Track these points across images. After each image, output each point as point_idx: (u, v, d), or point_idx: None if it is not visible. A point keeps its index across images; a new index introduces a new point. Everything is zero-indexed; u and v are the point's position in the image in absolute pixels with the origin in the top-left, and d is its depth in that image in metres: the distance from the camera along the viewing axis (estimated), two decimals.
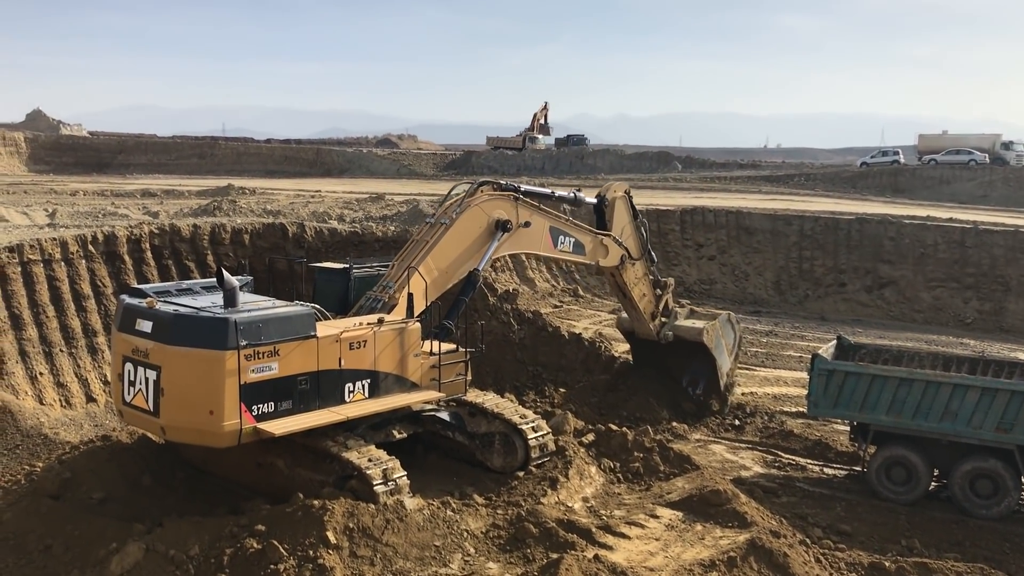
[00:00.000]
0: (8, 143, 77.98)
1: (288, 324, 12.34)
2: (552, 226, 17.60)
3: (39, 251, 19.02)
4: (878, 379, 16.66)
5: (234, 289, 12.28)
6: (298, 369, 12.42)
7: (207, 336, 11.73)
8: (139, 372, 12.22)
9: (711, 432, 20.15)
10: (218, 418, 11.68)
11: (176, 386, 11.85)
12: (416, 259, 15.03)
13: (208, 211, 32.35)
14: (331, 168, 77.82)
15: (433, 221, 15.89)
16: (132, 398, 12.43)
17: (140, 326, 12.25)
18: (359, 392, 13.33)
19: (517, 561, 12.15)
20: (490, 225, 16.14)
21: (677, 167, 75.78)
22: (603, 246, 18.98)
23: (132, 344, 12.34)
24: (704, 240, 39.94)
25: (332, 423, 12.76)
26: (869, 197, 54.52)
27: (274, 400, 12.19)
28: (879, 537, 15.04)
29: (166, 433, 12.40)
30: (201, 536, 11.52)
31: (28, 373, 17.92)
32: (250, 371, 11.85)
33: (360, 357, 13.26)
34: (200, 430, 11.94)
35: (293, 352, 12.32)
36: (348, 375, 13.11)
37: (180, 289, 13.57)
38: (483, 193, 16.27)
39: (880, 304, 35.64)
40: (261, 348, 11.93)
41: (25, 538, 12.41)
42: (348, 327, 13.29)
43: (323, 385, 12.77)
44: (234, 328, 11.68)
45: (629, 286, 19.83)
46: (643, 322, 20.53)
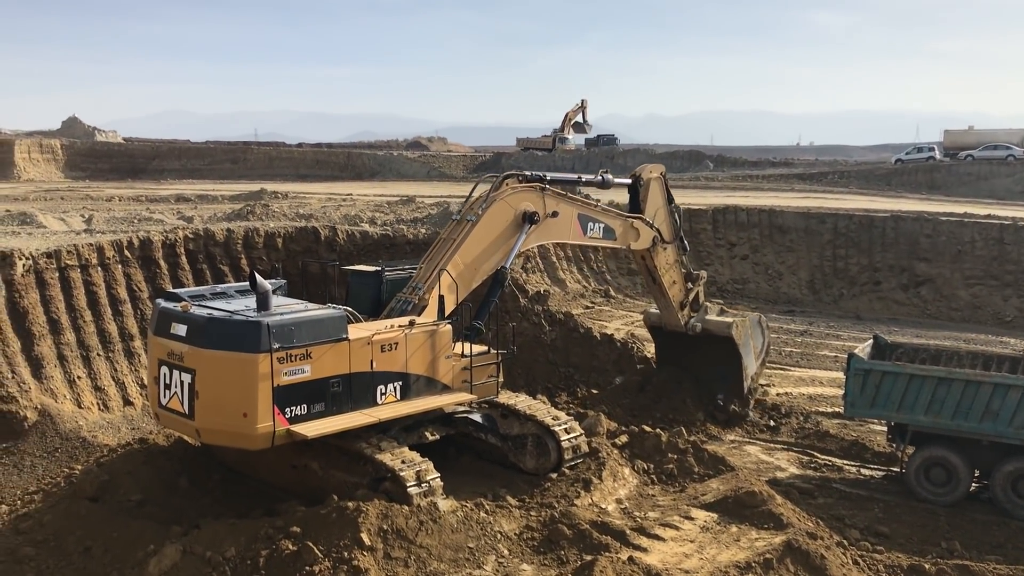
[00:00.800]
0: (45, 150, 79.18)
1: (320, 327, 12.40)
2: (580, 213, 17.42)
3: (76, 256, 19.26)
4: (916, 379, 16.42)
5: (267, 292, 12.38)
6: (330, 371, 12.48)
7: (240, 339, 11.82)
8: (174, 375, 12.32)
9: (746, 433, 19.98)
10: (252, 420, 11.76)
11: (210, 389, 11.94)
12: (444, 259, 15.01)
13: (241, 215, 32.64)
14: (362, 171, 78.22)
15: (459, 218, 15.82)
16: (168, 401, 12.53)
17: (175, 330, 12.36)
18: (391, 394, 13.37)
19: (551, 563, 12.11)
20: (516, 218, 16.02)
21: (708, 166, 75.36)
22: (634, 229, 18.72)
23: (168, 348, 12.45)
24: (737, 239, 39.67)
25: (364, 425, 12.80)
26: (904, 194, 53.87)
27: (307, 402, 12.26)
28: (918, 539, 14.82)
29: (201, 436, 12.50)
30: (237, 538, 11.61)
31: (66, 377, 18.16)
32: (283, 374, 11.93)
33: (392, 359, 13.30)
34: (234, 432, 12.03)
35: (325, 355, 12.38)
36: (380, 377, 13.16)
37: (215, 293, 13.69)
38: (508, 186, 16.12)
39: (916, 303, 35.16)
40: (293, 351, 12.00)
41: (65, 540, 12.60)
42: (379, 329, 13.33)
43: (355, 387, 12.82)
44: (267, 331, 11.76)
45: (660, 271, 19.53)
46: (672, 311, 20.12)
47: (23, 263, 18.08)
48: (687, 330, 20.24)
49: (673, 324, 20.42)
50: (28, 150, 77.36)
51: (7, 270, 17.75)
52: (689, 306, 20.41)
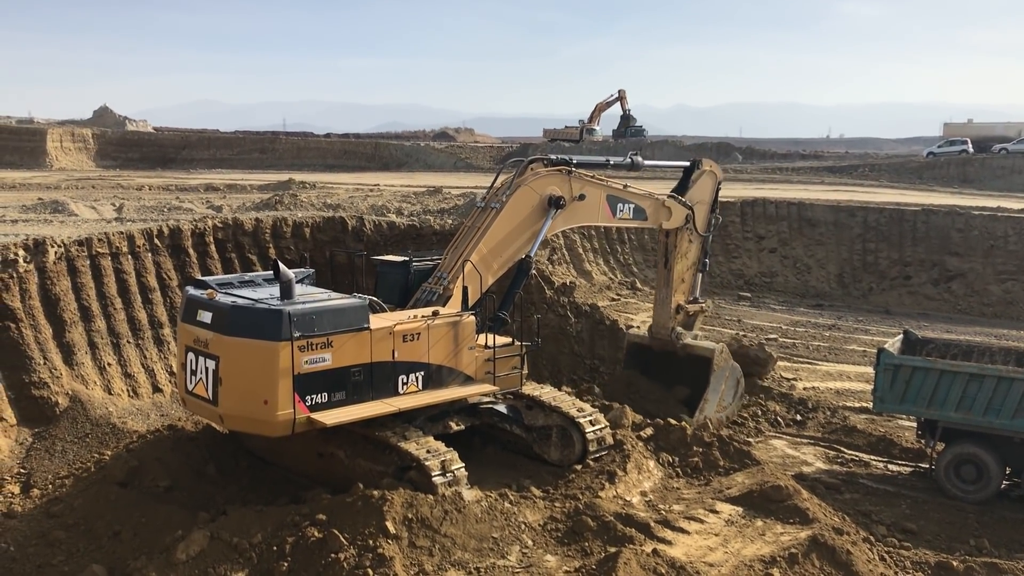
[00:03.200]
0: (77, 139, 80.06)
1: (341, 316, 12.46)
2: (609, 194, 17.27)
3: (107, 244, 19.45)
4: (947, 374, 16.22)
5: (290, 281, 12.44)
6: (352, 360, 12.55)
7: (262, 327, 11.91)
8: (200, 361, 12.48)
9: (772, 427, 19.86)
10: (272, 407, 11.85)
11: (233, 375, 12.07)
12: (468, 248, 15.00)
13: (270, 205, 32.83)
14: (389, 162, 78.43)
15: (483, 206, 15.75)
16: (194, 387, 12.70)
17: (201, 317, 12.51)
18: (412, 384, 13.42)
19: (575, 554, 12.12)
20: (542, 203, 15.93)
21: (738, 158, 74.83)
22: (665, 208, 18.57)
23: (194, 334, 12.60)
24: (765, 232, 39.40)
25: (384, 414, 12.87)
26: (936, 188, 53.21)
27: (327, 391, 12.33)
28: (946, 536, 14.66)
29: (224, 421, 12.68)
30: (264, 524, 11.72)
31: (97, 364, 18.37)
32: (304, 362, 11.99)
33: (414, 349, 13.34)
34: (255, 419, 12.16)
35: (347, 344, 12.45)
36: (402, 367, 13.21)
37: (242, 281, 13.80)
38: (532, 171, 16.03)
39: (947, 297, 34.72)
40: (315, 339, 12.07)
41: (95, 524, 12.78)
42: (401, 319, 13.38)
43: (376, 377, 12.88)
44: (288, 319, 11.82)
45: (677, 257, 19.35)
46: (667, 307, 19.72)
47: (55, 251, 18.29)
48: (672, 337, 19.72)
49: (662, 325, 19.91)
50: (60, 139, 78.26)
51: (40, 258, 17.97)
52: (683, 318, 20.05)
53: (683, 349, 19.73)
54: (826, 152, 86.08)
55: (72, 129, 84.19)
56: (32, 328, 17.43)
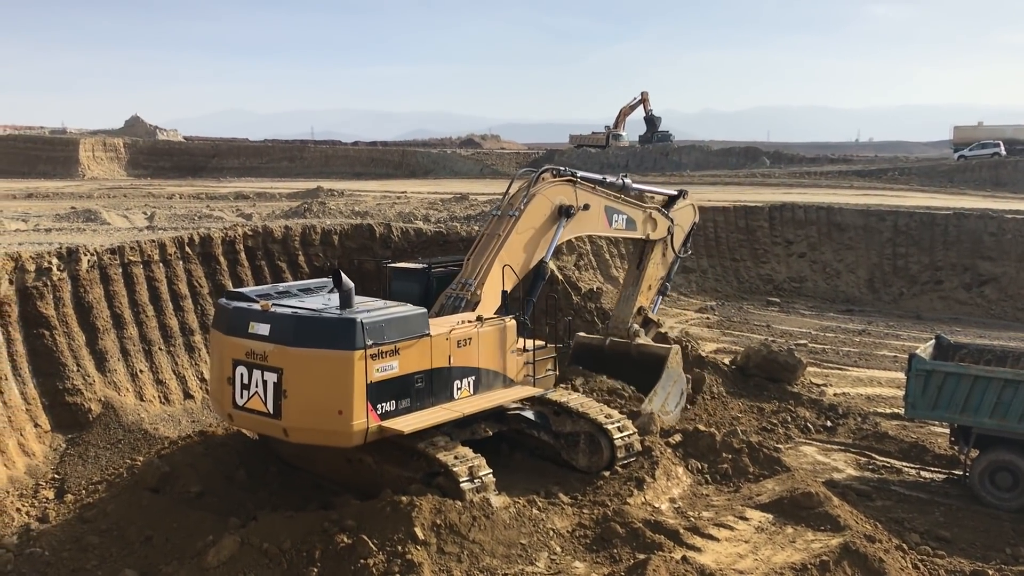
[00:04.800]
0: (109, 149, 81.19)
1: (406, 324, 12.54)
2: (607, 205, 17.81)
3: (139, 253, 19.67)
4: (981, 380, 15.99)
5: (351, 290, 12.46)
6: (415, 367, 12.63)
7: (335, 337, 11.83)
8: (254, 375, 12.19)
9: (802, 433, 19.70)
10: (347, 418, 11.77)
11: (301, 387, 11.87)
12: (492, 254, 15.12)
13: (298, 213, 33.09)
14: (416, 169, 78.80)
15: (500, 214, 15.93)
16: (246, 401, 12.38)
17: (255, 329, 12.24)
18: (466, 389, 13.56)
19: (603, 561, 12.09)
20: (554, 212, 16.22)
21: (765, 162, 74.40)
22: (652, 219, 19.37)
23: (246, 347, 12.29)
24: (794, 237, 39.12)
25: (450, 420, 13.00)
26: (967, 191, 52.56)
27: (395, 398, 12.36)
28: (981, 544, 14.43)
29: (289, 435, 12.33)
30: (293, 530, 11.77)
31: (129, 371, 18.56)
32: (375, 370, 12.00)
33: (467, 355, 13.50)
34: (328, 430, 12.00)
35: (411, 351, 12.52)
36: (456, 372, 13.37)
37: (280, 292, 13.68)
38: (545, 180, 16.32)
39: (980, 302, 34.29)
40: (384, 347, 12.09)
41: (127, 529, 12.90)
42: (455, 325, 13.51)
43: (435, 382, 13.00)
44: (361, 328, 11.83)
45: (651, 263, 20.07)
46: (631, 305, 20.07)
47: (88, 259, 18.53)
48: (629, 335, 19.85)
49: (622, 321, 20.18)
50: (92, 149, 79.42)
51: (73, 266, 18.21)
52: (643, 320, 20.41)
53: (637, 348, 19.82)
54: (855, 156, 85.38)
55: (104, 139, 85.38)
56: (65, 335, 17.67)
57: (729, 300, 36.07)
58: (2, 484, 15.07)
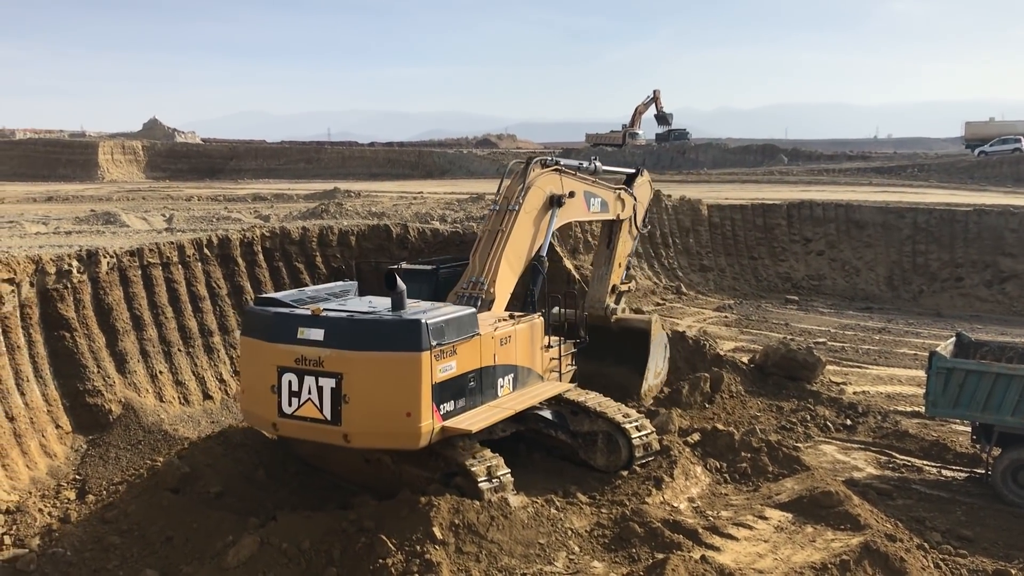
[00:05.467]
0: (127, 152, 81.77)
1: (461, 324, 12.62)
2: (586, 191, 17.95)
3: (158, 254, 19.78)
4: (1003, 378, 15.86)
5: (403, 292, 12.50)
6: (469, 366, 12.73)
7: (402, 339, 11.81)
8: (307, 381, 12.00)
9: (821, 432, 19.59)
10: (415, 419, 11.76)
11: (365, 391, 11.77)
12: (498, 250, 15.11)
13: (316, 214, 33.14)
14: (432, 170, 78.90)
15: (498, 208, 15.82)
16: (296, 409, 12.15)
17: (306, 334, 12.05)
18: (507, 386, 13.71)
19: (622, 560, 12.06)
20: (546, 202, 16.27)
21: (783, 160, 73.98)
22: (620, 200, 19.68)
23: (295, 353, 12.07)
24: (812, 234, 38.91)
25: (507, 417, 13.22)
26: (988, 187, 52.07)
27: (453, 398, 12.43)
28: (1004, 544, 14.31)
29: (350, 440, 12.13)
30: (312, 530, 11.82)
31: (149, 372, 18.67)
32: (439, 371, 12.05)
33: (508, 352, 13.67)
34: (395, 433, 11.95)
35: (465, 350, 12.61)
36: (500, 370, 13.51)
37: (310, 296, 13.53)
38: (535, 171, 16.28)
39: (1001, 299, 33.99)
40: (445, 347, 12.15)
41: (148, 529, 12.98)
42: (496, 324, 13.65)
43: (484, 381, 13.13)
44: (426, 329, 11.87)
45: (620, 241, 20.35)
46: (605, 286, 20.39)
47: (107, 261, 18.66)
48: (606, 313, 20.20)
49: (598, 300, 20.43)
50: (111, 151, 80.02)
51: (93, 268, 18.33)
52: (616, 297, 20.78)
53: (617, 324, 20.28)
54: (874, 153, 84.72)
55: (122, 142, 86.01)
56: (86, 337, 17.80)
57: (747, 298, 35.92)
58: (24, 485, 15.20)
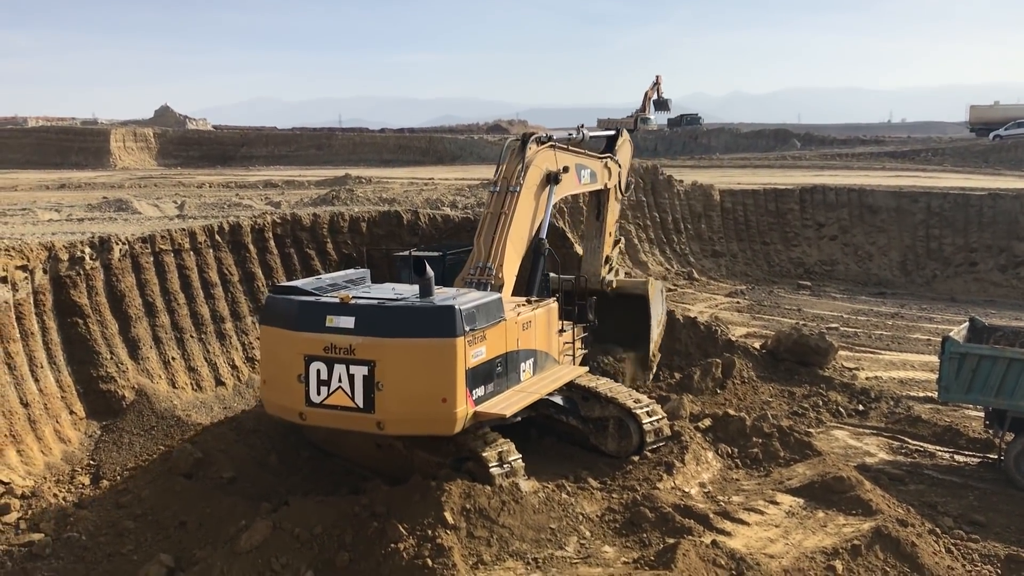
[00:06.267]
0: (139, 139, 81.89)
1: (489, 309, 12.63)
2: (577, 163, 17.63)
3: (170, 241, 19.84)
4: (1017, 362, 15.78)
5: (431, 279, 12.49)
6: (496, 351, 12.75)
7: (438, 325, 11.80)
8: (337, 370, 11.93)
9: (833, 417, 19.55)
10: (451, 405, 11.76)
11: (400, 378, 11.75)
12: (503, 234, 14.75)
13: (327, 200, 33.15)
14: (443, 156, 78.70)
15: (499, 190, 15.38)
16: (326, 398, 12.07)
17: (335, 322, 11.98)
18: (528, 371, 13.71)
19: (633, 545, 12.09)
20: (543, 180, 15.97)
21: (796, 145, 73.57)
22: (607, 168, 19.38)
23: (324, 342, 11.98)
24: (825, 219, 38.71)
25: (538, 399, 13.39)
26: (1003, 171, 51.64)
27: (483, 384, 12.45)
28: (1016, 529, 14.27)
29: (384, 427, 12.06)
30: (324, 515, 11.88)
31: (161, 358, 18.77)
32: (471, 356, 12.05)
33: (529, 337, 13.68)
34: (431, 419, 11.93)
35: (494, 335, 12.63)
36: (523, 355, 13.53)
37: (331, 284, 13.40)
38: (532, 150, 15.83)
39: (1015, 284, 33.76)
40: (476, 333, 12.16)
41: (161, 514, 13.09)
42: (519, 308, 13.69)
43: (509, 365, 13.14)
44: (460, 315, 11.87)
45: (609, 213, 20.13)
46: (599, 259, 20.22)
47: (120, 248, 18.72)
48: (602, 284, 20.09)
49: (593, 273, 20.25)
50: (123, 139, 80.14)
51: (105, 255, 18.41)
52: (610, 267, 20.64)
53: (615, 292, 20.37)
54: (887, 137, 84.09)
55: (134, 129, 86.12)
56: (99, 324, 17.89)
57: (759, 284, 35.81)
58: (39, 470, 15.33)
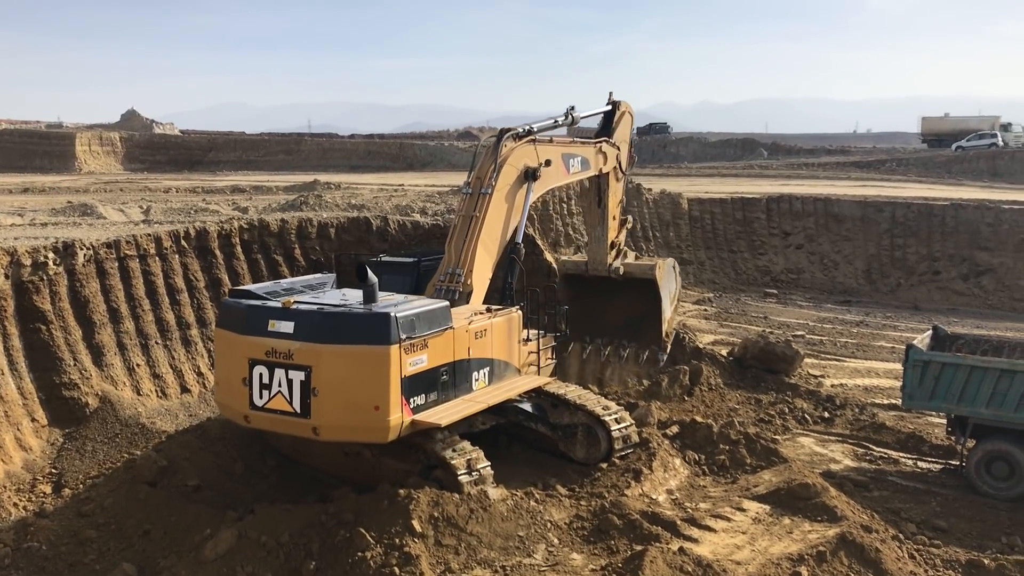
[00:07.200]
0: (105, 143, 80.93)
1: (433, 317, 12.56)
2: (563, 153, 17.33)
3: (135, 247, 19.60)
4: (977, 370, 16.03)
5: (375, 285, 12.44)
6: (441, 360, 12.65)
7: (372, 332, 11.78)
8: (277, 374, 11.99)
9: (799, 424, 19.73)
10: (383, 413, 11.74)
11: (334, 384, 11.75)
12: (473, 239, 14.62)
13: (295, 206, 32.98)
14: (413, 162, 78.55)
15: (471, 192, 15.20)
16: (267, 402, 12.14)
17: (276, 327, 12.03)
18: (482, 380, 13.62)
19: (601, 552, 12.10)
20: (520, 178, 15.69)
21: (763, 154, 74.37)
22: (601, 153, 18.89)
23: (265, 346, 12.05)
24: (791, 228, 39.09)
25: (479, 411, 13.14)
26: (965, 182, 52.57)
27: (424, 392, 12.38)
28: (977, 534, 14.49)
29: (319, 433, 12.09)
30: (291, 523, 11.79)
31: (126, 365, 18.52)
32: (408, 364, 12.00)
33: (483, 346, 13.56)
34: (364, 427, 11.95)
35: (438, 344, 12.54)
36: (475, 364, 13.42)
37: (285, 289, 13.47)
38: (507, 147, 15.59)
39: (977, 293, 34.33)
40: (415, 341, 12.10)
41: (125, 523, 12.92)
42: (471, 317, 13.55)
43: (457, 374, 13.05)
44: (396, 323, 11.82)
45: (610, 198, 19.77)
46: (603, 245, 20.10)
47: (84, 253, 18.49)
48: (610, 272, 20.11)
49: (599, 262, 20.26)
50: (88, 143, 79.13)
51: (69, 260, 18.16)
52: (616, 252, 20.56)
53: (623, 277, 20.35)
54: (853, 147, 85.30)
55: (100, 133, 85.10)
56: (62, 330, 17.63)
57: (726, 292, 36.08)
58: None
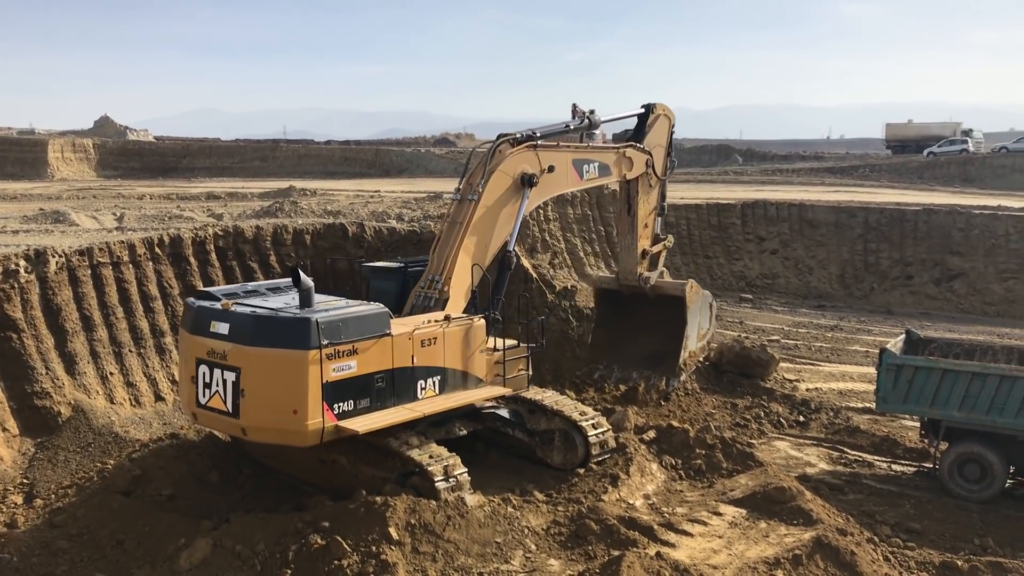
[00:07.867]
0: (78, 149, 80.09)
1: (365, 323, 12.51)
2: (575, 159, 17.08)
3: (108, 254, 19.46)
4: (950, 374, 16.20)
5: (310, 289, 12.42)
6: (375, 367, 12.60)
7: (289, 336, 11.85)
8: (215, 374, 12.29)
9: (775, 428, 19.84)
10: (301, 417, 11.80)
11: (257, 387, 11.95)
12: (456, 246, 14.56)
13: (270, 212, 32.79)
14: (390, 168, 78.32)
15: (460, 198, 15.18)
16: (208, 400, 12.50)
17: (216, 328, 12.32)
18: (431, 389, 13.50)
19: (578, 558, 12.12)
20: (515, 184, 15.51)
21: (738, 160, 74.80)
22: (626, 158, 18.60)
23: (207, 346, 12.40)
24: (766, 233, 39.39)
25: (410, 419, 12.94)
26: (936, 187, 53.14)
27: (353, 398, 12.36)
28: (950, 536, 14.65)
29: (247, 434, 12.48)
30: (267, 532, 11.72)
31: (99, 373, 18.36)
32: (332, 370, 11.98)
33: (432, 354, 13.44)
34: (284, 430, 12.05)
35: (370, 350, 12.49)
36: (420, 372, 13.31)
37: (247, 291, 13.67)
38: (502, 153, 15.51)
39: (949, 297, 34.72)
40: (341, 347, 12.08)
41: (98, 533, 12.77)
42: (419, 325, 13.42)
43: (398, 382, 12.95)
44: (316, 328, 11.81)
45: (640, 202, 19.51)
46: (633, 253, 19.99)
47: (56, 261, 18.31)
48: (640, 283, 20.05)
49: (629, 272, 20.18)
50: (61, 149, 78.30)
51: (41, 268, 17.98)
52: (649, 261, 20.42)
53: (653, 291, 20.15)
54: (826, 153, 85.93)
55: (73, 140, 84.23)
56: (34, 338, 17.45)
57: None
58: None
